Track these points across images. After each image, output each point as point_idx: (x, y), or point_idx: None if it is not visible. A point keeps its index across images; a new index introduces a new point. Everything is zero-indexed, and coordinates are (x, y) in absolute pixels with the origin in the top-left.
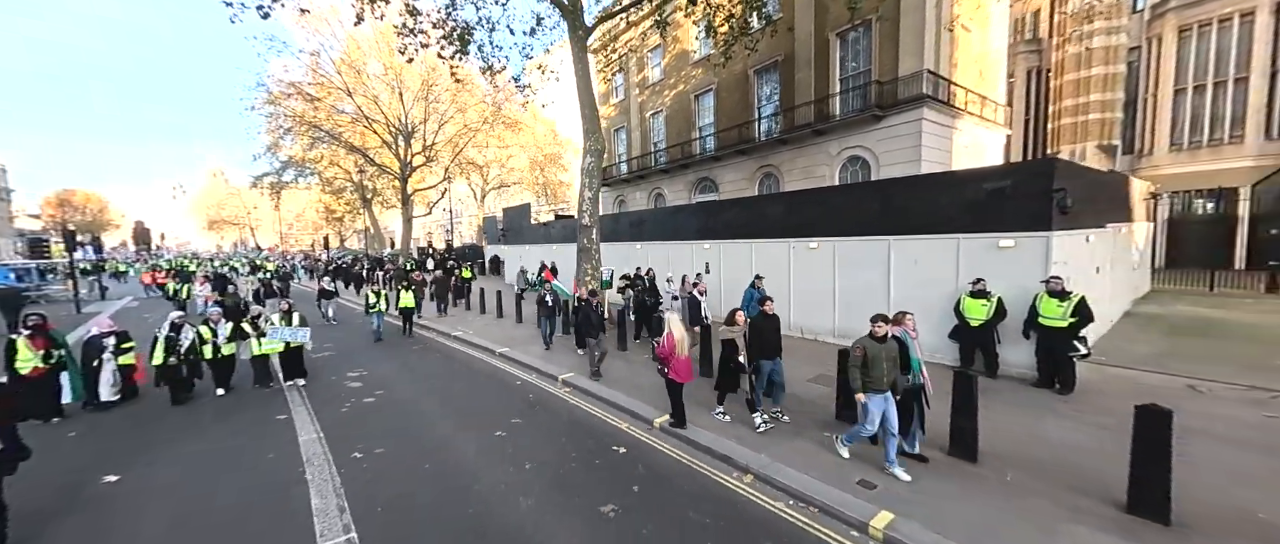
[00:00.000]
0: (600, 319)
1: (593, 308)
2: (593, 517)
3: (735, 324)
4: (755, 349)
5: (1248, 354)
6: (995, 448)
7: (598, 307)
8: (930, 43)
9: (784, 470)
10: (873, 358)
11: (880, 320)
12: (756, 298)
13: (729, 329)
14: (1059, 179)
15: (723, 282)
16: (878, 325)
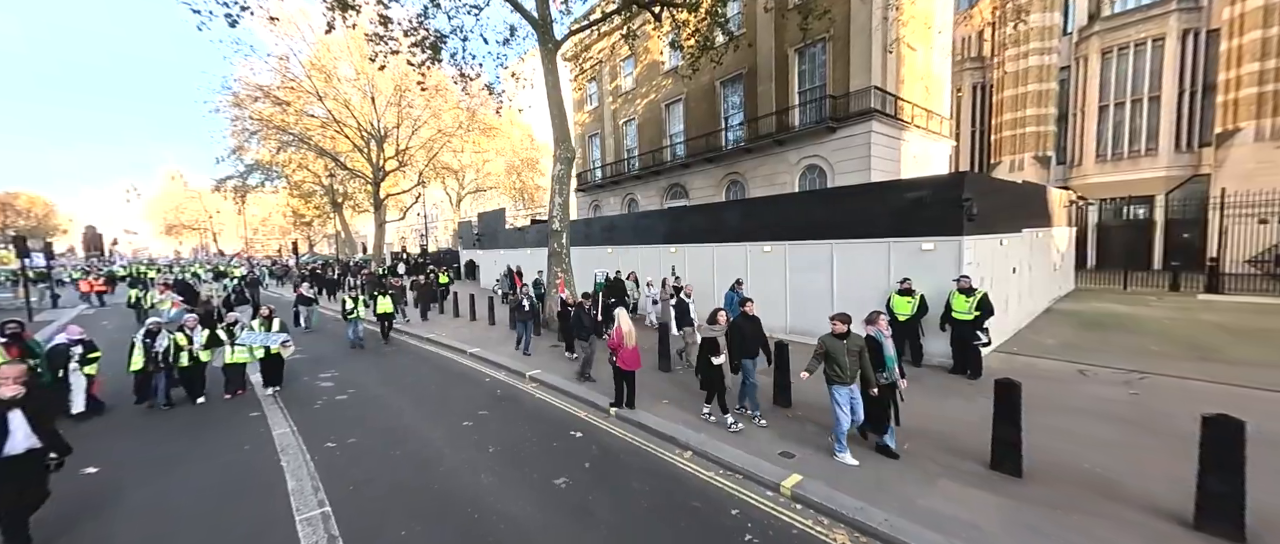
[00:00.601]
0: (594, 322)
1: (585, 311)
2: (546, 487)
3: (717, 323)
4: (737, 349)
5: (1135, 344)
6: (905, 425)
7: (589, 309)
8: (877, 61)
9: (720, 447)
10: (833, 352)
11: (839, 319)
12: (737, 300)
13: (711, 328)
14: (967, 190)
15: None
16: (837, 323)
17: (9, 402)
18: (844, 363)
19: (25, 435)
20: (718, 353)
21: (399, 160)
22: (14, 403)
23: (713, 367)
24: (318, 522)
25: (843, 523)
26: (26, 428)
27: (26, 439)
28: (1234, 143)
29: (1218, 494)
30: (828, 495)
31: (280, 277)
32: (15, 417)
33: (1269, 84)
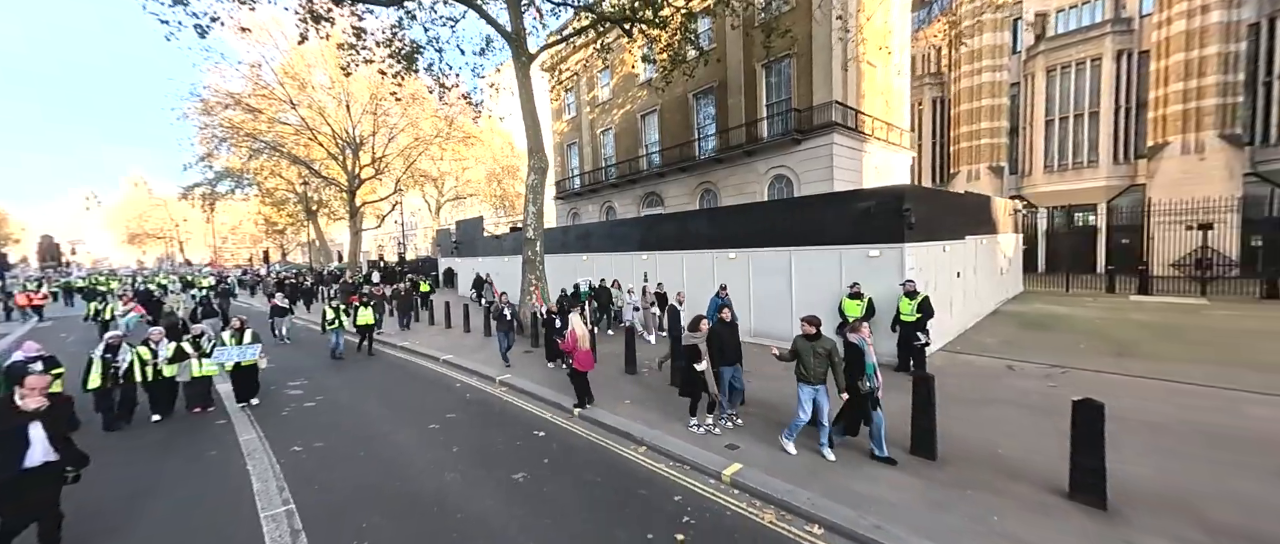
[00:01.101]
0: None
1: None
2: (506, 482)
3: (698, 331)
4: (716, 356)
5: (1066, 341)
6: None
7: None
8: (837, 77)
9: (671, 441)
10: (802, 353)
11: (808, 322)
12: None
13: (692, 335)
14: (908, 202)
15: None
16: (807, 325)
17: (31, 413)
18: (810, 363)
19: (44, 449)
20: (700, 360)
21: (375, 168)
22: (36, 415)
23: (696, 374)
24: (282, 518)
25: (773, 504)
26: (46, 441)
27: (45, 452)
28: (1164, 155)
29: (1086, 468)
30: (762, 481)
31: (252, 286)
32: (35, 429)
33: (1193, 102)
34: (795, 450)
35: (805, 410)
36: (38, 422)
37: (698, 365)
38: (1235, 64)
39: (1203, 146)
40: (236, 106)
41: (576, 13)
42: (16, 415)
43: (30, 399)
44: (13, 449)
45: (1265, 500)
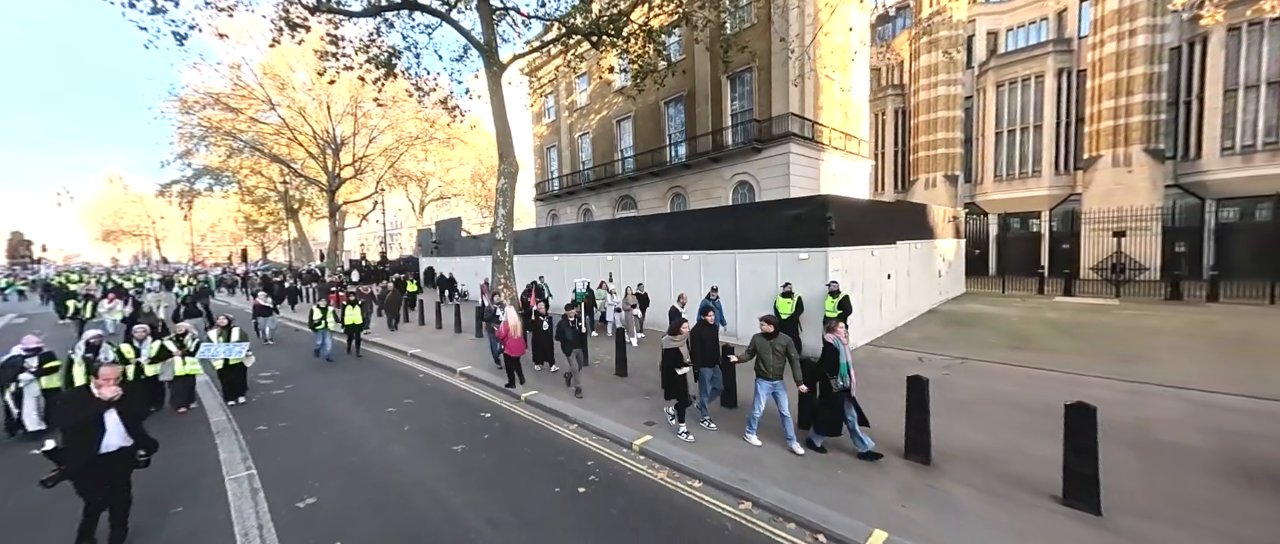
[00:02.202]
0: (578, 334)
1: (568, 323)
2: (446, 453)
3: (680, 334)
4: (697, 357)
5: (979, 337)
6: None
7: (573, 321)
8: (794, 90)
9: (600, 420)
10: (761, 350)
11: (767, 321)
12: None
13: (673, 339)
14: (831, 211)
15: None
16: (765, 324)
17: (107, 402)
18: (769, 360)
19: (120, 435)
20: (682, 363)
21: (355, 168)
22: (111, 403)
23: (677, 377)
24: (243, 480)
25: (667, 465)
26: (121, 427)
27: (120, 438)
28: (1097, 167)
29: (916, 432)
30: (665, 449)
31: (231, 286)
32: (111, 416)
33: (1122, 118)
34: (759, 442)
35: (760, 404)
36: (113, 409)
37: (679, 369)
38: (1159, 84)
39: (1130, 160)
40: (216, 105)
41: (547, 26)
42: (94, 403)
43: (105, 388)
44: (91, 435)
45: (1047, 456)
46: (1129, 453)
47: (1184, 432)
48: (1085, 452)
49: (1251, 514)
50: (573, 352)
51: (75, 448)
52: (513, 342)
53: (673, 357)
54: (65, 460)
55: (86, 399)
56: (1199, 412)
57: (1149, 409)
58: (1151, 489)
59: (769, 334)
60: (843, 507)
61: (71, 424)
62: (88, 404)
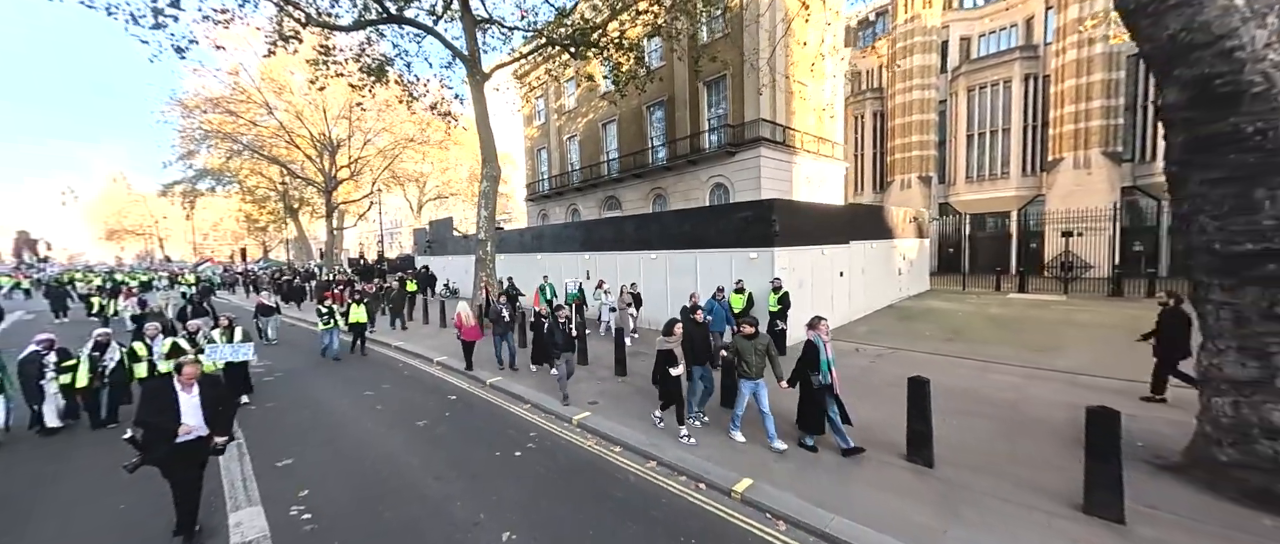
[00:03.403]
0: (567, 337)
1: (558, 324)
2: (410, 428)
3: (672, 335)
4: (689, 357)
5: (920, 329)
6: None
7: (564, 323)
8: (765, 96)
9: (548, 400)
10: (742, 351)
11: (747, 322)
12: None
13: (667, 340)
14: (776, 214)
15: (568, 284)
16: (746, 325)
17: (186, 392)
18: (751, 360)
19: (198, 424)
20: (675, 364)
21: (351, 170)
22: (191, 394)
23: (671, 378)
24: (232, 447)
25: (598, 435)
26: (198, 417)
27: (198, 427)
28: (1059, 169)
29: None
30: (598, 423)
31: (231, 285)
32: (188, 407)
33: (1083, 122)
34: (743, 439)
35: (742, 402)
36: (193, 398)
37: (673, 370)
38: (1117, 89)
39: (1090, 162)
40: (216, 109)
41: (526, 38)
42: (173, 393)
43: (186, 381)
44: (169, 425)
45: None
46: (991, 423)
47: (1050, 408)
48: (921, 416)
49: (1057, 467)
50: (563, 355)
51: (155, 437)
52: (468, 330)
53: (666, 358)
54: (146, 448)
55: (169, 390)
56: (1075, 392)
57: (1033, 390)
58: (989, 450)
59: (749, 335)
60: (723, 463)
61: (152, 414)
62: (169, 393)
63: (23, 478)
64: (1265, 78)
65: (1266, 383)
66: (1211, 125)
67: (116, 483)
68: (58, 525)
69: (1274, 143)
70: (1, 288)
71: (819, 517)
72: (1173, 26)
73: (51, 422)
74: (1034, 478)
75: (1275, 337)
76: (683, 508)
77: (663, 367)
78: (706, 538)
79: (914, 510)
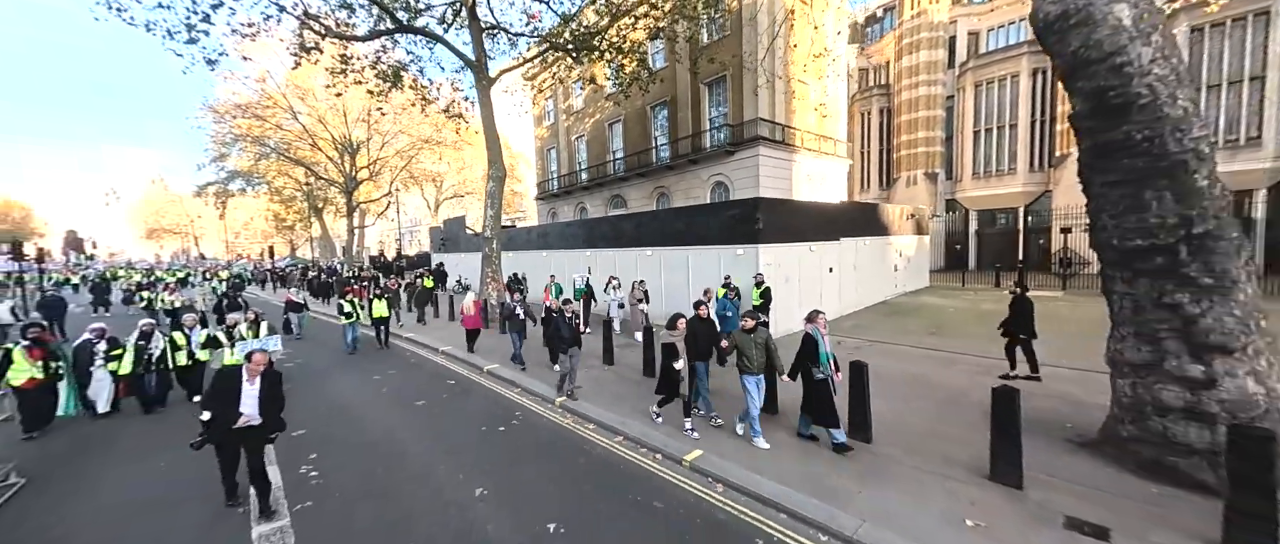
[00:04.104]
0: (572, 332)
1: (564, 319)
2: (408, 408)
3: (676, 329)
4: (692, 352)
5: (906, 324)
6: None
7: (571, 318)
8: (764, 96)
9: (537, 385)
10: (742, 346)
11: (748, 317)
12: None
13: (670, 333)
14: (761, 212)
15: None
16: (747, 319)
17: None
18: (752, 355)
19: (253, 413)
20: (678, 358)
21: (370, 170)
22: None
23: (674, 372)
24: None
25: (574, 415)
26: (255, 406)
27: (253, 416)
28: (1066, 165)
29: (771, 395)
30: (577, 405)
31: (262, 282)
32: (249, 397)
33: None
34: (767, 445)
35: (755, 400)
36: (254, 390)
37: (676, 364)
38: None
39: None
40: (245, 114)
41: (531, 43)
42: (239, 384)
43: (253, 372)
44: (232, 412)
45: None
46: (936, 407)
47: None
48: (860, 398)
49: (980, 444)
50: (569, 351)
51: (218, 421)
52: (468, 319)
53: (669, 351)
54: (209, 428)
55: (237, 379)
56: (1042, 384)
57: (988, 378)
58: (925, 429)
59: (749, 329)
60: (673, 435)
61: (218, 401)
62: (235, 379)
63: (82, 449)
64: (1150, 90)
65: (1157, 365)
66: (1107, 133)
67: (159, 452)
68: (117, 478)
69: (1159, 149)
70: (52, 280)
71: (753, 481)
72: (1074, 44)
73: (101, 407)
74: (956, 452)
75: (1164, 323)
76: (637, 472)
77: (666, 361)
78: (651, 494)
79: (838, 477)
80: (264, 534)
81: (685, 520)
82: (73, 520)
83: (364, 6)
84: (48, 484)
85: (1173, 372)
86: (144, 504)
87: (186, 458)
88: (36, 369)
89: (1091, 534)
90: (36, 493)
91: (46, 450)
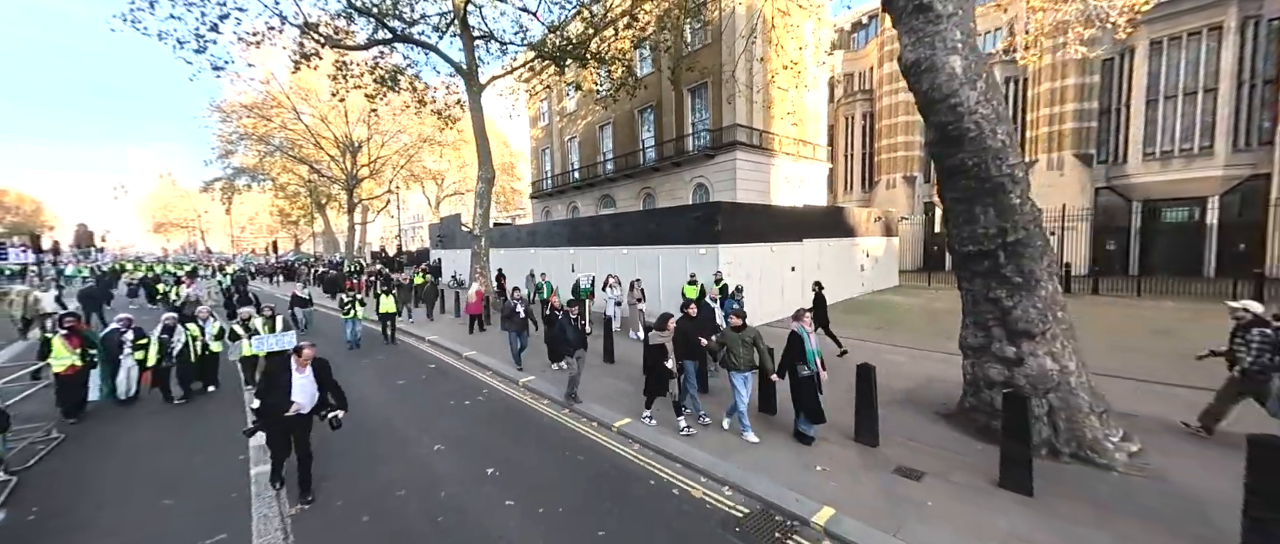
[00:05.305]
0: (578, 333)
1: (570, 321)
2: (391, 385)
3: (666, 330)
4: (681, 351)
5: (860, 319)
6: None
7: (576, 319)
8: (743, 102)
9: (507, 369)
10: (731, 343)
11: (736, 314)
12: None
13: (659, 334)
14: (720, 214)
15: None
16: (734, 318)
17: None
18: (739, 352)
19: (309, 398)
20: (667, 357)
21: (371, 169)
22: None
23: (664, 370)
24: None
25: (533, 393)
26: (306, 394)
27: (308, 402)
28: (1033, 171)
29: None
30: (538, 385)
31: (270, 275)
32: (301, 386)
33: (1056, 125)
34: (757, 439)
35: (743, 395)
36: (305, 380)
37: (666, 363)
38: (1090, 93)
39: (1062, 163)
40: (250, 114)
41: (520, 51)
42: (289, 375)
43: (303, 364)
44: (283, 400)
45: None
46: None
47: (904, 378)
48: (766, 378)
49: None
50: (576, 353)
51: (269, 411)
52: (470, 306)
53: (658, 352)
54: (261, 417)
55: (286, 370)
56: (933, 366)
57: (909, 366)
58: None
59: (738, 327)
60: (609, 404)
61: (269, 392)
62: (286, 371)
63: (114, 432)
64: (977, 126)
65: (987, 348)
66: (950, 159)
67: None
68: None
69: (984, 173)
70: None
71: (662, 441)
72: (924, 85)
73: (122, 393)
74: (845, 422)
75: (990, 314)
76: (571, 436)
77: (654, 360)
78: (578, 451)
79: (730, 439)
80: (259, 475)
81: (596, 465)
82: (104, 462)
83: (362, 15)
84: (83, 440)
85: (996, 353)
86: (161, 446)
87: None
88: (76, 356)
89: (910, 477)
90: (75, 445)
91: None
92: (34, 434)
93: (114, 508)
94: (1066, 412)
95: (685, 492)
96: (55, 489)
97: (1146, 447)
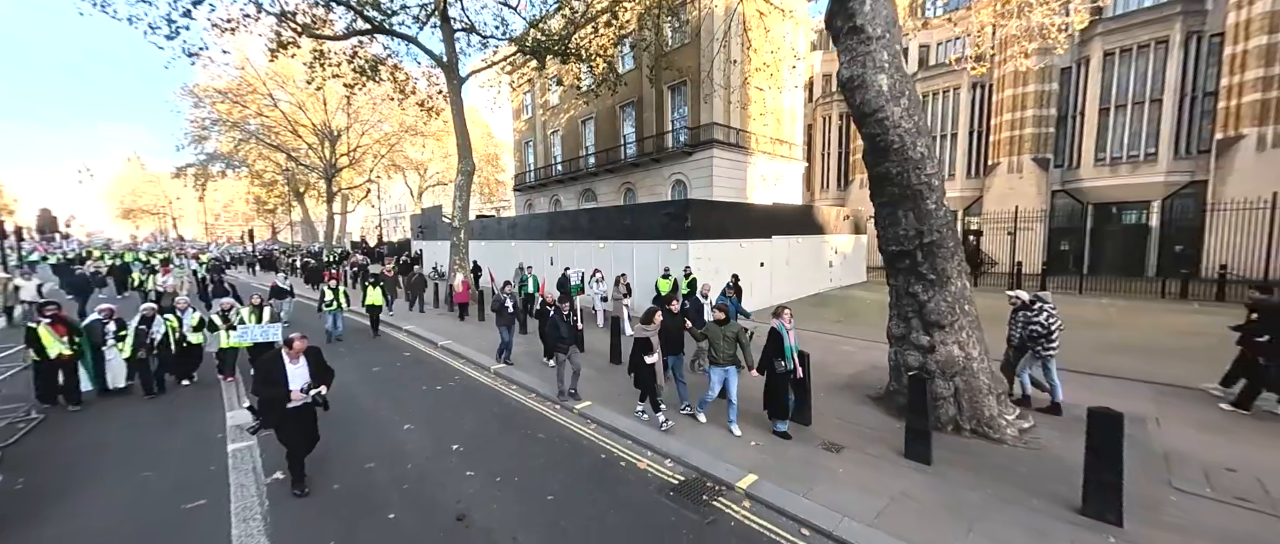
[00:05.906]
0: (572, 330)
1: (563, 317)
2: (365, 372)
3: (651, 324)
4: (666, 345)
5: (825, 313)
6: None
7: (569, 315)
8: (720, 101)
9: (482, 357)
10: (712, 337)
11: (718, 309)
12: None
13: (645, 328)
14: (691, 211)
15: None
16: (717, 312)
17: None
18: (720, 346)
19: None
20: (650, 352)
21: (350, 158)
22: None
23: (646, 366)
24: (230, 386)
25: (503, 380)
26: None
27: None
28: (996, 173)
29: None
30: (508, 372)
31: (250, 265)
32: (297, 376)
33: (1017, 130)
34: (705, 419)
35: (714, 388)
36: (299, 370)
37: (648, 358)
38: (1049, 100)
39: (1022, 167)
40: (224, 99)
41: (501, 45)
42: (283, 366)
43: (295, 355)
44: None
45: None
46: None
47: (850, 366)
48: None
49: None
50: (570, 350)
51: (269, 405)
52: (459, 295)
53: (642, 346)
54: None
55: (280, 363)
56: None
57: (859, 355)
58: None
59: (721, 322)
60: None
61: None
62: (280, 365)
63: (92, 416)
64: (900, 139)
65: (906, 337)
66: (877, 167)
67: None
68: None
69: (906, 181)
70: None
71: (617, 421)
72: (856, 100)
73: (111, 383)
74: None
75: (909, 307)
76: (534, 416)
77: (638, 354)
78: (539, 429)
79: (673, 420)
80: (237, 451)
81: (553, 442)
82: (85, 441)
83: (340, 4)
84: (62, 423)
85: (914, 342)
86: (141, 428)
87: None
88: (64, 345)
89: (831, 450)
90: (55, 426)
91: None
92: (13, 414)
93: (97, 480)
94: (969, 393)
95: (631, 463)
96: (39, 464)
97: (1039, 423)
